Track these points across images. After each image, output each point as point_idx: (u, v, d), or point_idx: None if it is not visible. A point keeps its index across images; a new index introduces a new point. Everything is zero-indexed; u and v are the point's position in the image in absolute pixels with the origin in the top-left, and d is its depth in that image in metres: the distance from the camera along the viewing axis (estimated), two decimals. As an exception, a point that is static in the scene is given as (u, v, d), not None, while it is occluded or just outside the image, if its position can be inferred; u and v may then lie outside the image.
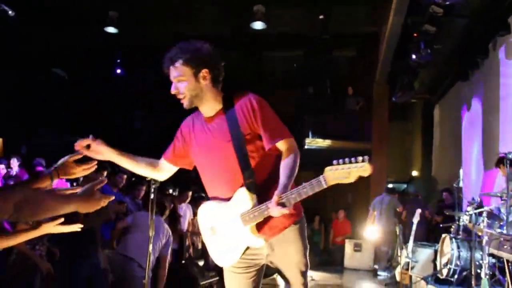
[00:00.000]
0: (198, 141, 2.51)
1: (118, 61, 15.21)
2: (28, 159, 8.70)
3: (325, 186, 2.11)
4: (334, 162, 2.07)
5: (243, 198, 2.33)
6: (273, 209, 2.17)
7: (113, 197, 2.20)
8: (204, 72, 2.39)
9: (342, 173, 2.05)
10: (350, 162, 2.04)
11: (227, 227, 2.40)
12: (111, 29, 12.02)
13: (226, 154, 2.38)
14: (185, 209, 7.04)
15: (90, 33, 11.94)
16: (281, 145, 2.39)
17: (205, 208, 2.56)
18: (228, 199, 2.39)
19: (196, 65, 2.38)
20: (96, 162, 2.44)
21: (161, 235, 4.83)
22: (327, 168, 2.09)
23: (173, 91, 2.43)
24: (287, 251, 2.51)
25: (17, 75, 11.72)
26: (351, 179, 2.06)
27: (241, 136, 2.36)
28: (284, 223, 2.45)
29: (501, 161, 6.00)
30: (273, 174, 2.36)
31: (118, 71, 15.36)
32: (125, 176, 6.17)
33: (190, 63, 2.37)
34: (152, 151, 2.94)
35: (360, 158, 2.04)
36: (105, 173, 6.24)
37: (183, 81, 2.38)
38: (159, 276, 4.82)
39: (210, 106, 2.47)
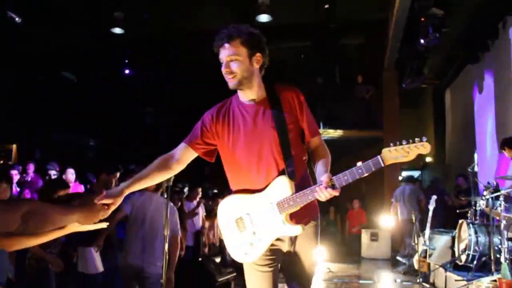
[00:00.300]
0: (236, 126, 2.45)
1: (126, 61, 15.30)
2: (42, 164, 8.75)
3: (383, 165, 2.12)
4: (391, 144, 2.12)
5: (284, 185, 2.30)
6: (322, 191, 2.17)
7: (110, 210, 2.19)
8: (258, 56, 2.40)
9: (401, 152, 2.09)
10: (408, 143, 2.08)
11: (258, 217, 2.36)
12: (117, 30, 12.06)
13: (269, 140, 2.37)
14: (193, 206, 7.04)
15: (95, 33, 12.00)
16: (317, 139, 2.51)
17: (229, 201, 2.49)
18: (261, 189, 2.36)
19: (252, 47, 2.38)
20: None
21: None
22: (384, 149, 2.12)
23: (224, 69, 2.39)
24: (306, 248, 2.49)
25: (22, 78, 11.82)
26: (411, 157, 2.09)
27: (285, 124, 2.37)
28: (311, 215, 2.45)
29: (505, 144, 5.93)
30: (305, 166, 2.47)
31: (127, 71, 15.44)
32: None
33: (247, 44, 2.36)
34: (164, 146, 2.90)
35: (418, 139, 2.08)
36: (117, 174, 6.27)
37: (237, 61, 2.36)
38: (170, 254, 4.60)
39: (255, 91, 2.46)
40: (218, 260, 6.95)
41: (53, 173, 7.55)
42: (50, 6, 9.92)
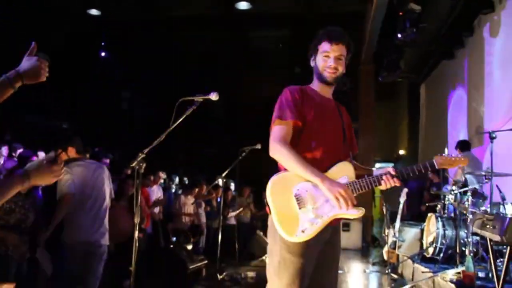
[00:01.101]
0: (318, 110, 2.62)
1: (103, 43, 15.06)
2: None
3: (437, 167, 2.55)
4: (442, 154, 2.58)
5: (349, 169, 2.55)
6: (389, 180, 2.47)
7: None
8: (346, 65, 2.71)
9: (449, 160, 2.56)
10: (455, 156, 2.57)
11: (320, 194, 2.41)
12: (94, 11, 11.84)
13: (339, 132, 2.67)
14: (156, 192, 6.91)
15: (72, 15, 11.75)
16: None
17: (285, 178, 2.49)
18: (325, 169, 2.49)
19: (348, 54, 2.70)
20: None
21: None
22: (436, 156, 2.57)
23: (332, 64, 2.64)
24: (336, 244, 2.65)
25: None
26: (452, 166, 2.61)
27: (343, 128, 2.69)
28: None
29: (457, 145, 6.17)
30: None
31: (103, 54, 15.21)
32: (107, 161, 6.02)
33: (350, 50, 2.70)
34: (140, 131, 2.90)
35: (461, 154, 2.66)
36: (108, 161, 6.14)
37: (342, 60, 2.65)
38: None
39: (330, 89, 2.75)
40: (189, 247, 6.96)
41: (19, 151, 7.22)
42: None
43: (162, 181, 7.19)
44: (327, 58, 2.64)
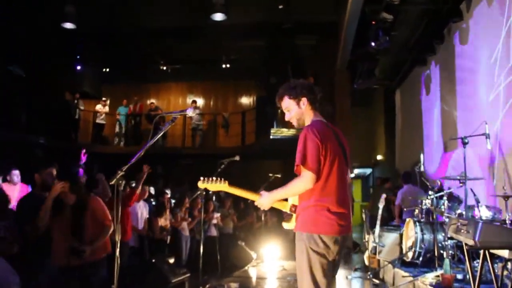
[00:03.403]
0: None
1: (78, 57, 14.95)
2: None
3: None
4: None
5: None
6: None
7: None
8: (303, 100, 3.12)
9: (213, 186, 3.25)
10: None
11: None
12: (68, 25, 11.74)
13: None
14: (142, 207, 6.85)
15: (45, 28, 11.67)
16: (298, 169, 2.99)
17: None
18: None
19: (296, 97, 3.12)
20: None
21: None
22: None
23: (286, 118, 3.22)
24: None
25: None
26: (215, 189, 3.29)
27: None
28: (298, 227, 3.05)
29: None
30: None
31: (78, 67, 15.09)
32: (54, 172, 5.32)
33: (293, 97, 3.13)
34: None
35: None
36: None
37: (289, 111, 3.16)
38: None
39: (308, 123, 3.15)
40: (171, 261, 6.92)
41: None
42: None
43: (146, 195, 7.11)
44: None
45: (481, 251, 3.23)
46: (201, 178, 3.24)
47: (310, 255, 2.85)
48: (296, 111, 3.13)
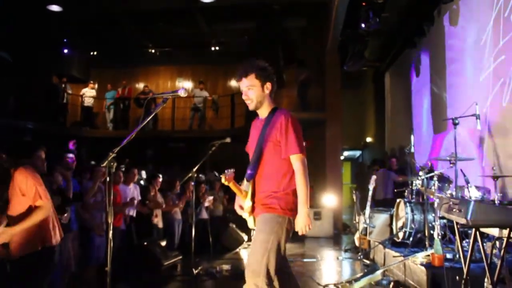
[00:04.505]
0: (251, 133, 3.33)
1: (65, 41, 14.75)
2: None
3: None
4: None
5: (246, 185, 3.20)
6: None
7: None
8: (268, 84, 3.14)
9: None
10: None
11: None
12: (55, 7, 11.57)
13: (254, 149, 3.17)
14: (132, 190, 6.79)
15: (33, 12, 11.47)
16: (293, 159, 3.04)
17: None
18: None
19: (264, 79, 3.12)
20: None
21: None
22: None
23: (244, 97, 3.16)
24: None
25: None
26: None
27: (263, 139, 3.10)
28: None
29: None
30: (278, 175, 3.07)
31: (66, 51, 14.90)
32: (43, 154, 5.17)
33: (260, 77, 3.11)
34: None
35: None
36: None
37: (253, 89, 3.12)
38: None
39: (264, 111, 3.21)
40: (163, 243, 6.93)
41: None
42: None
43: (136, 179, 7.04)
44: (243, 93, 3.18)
45: (472, 230, 3.26)
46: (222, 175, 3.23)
47: (281, 237, 3.00)
48: (259, 93, 3.13)
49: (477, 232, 3.27)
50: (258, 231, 3.02)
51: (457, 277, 4.22)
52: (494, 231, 3.11)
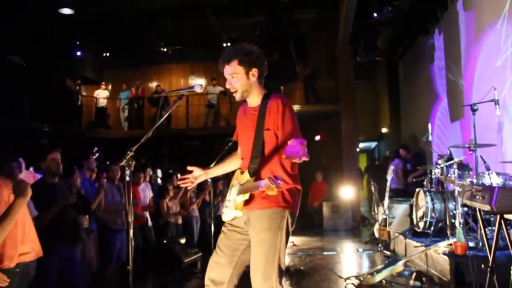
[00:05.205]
0: (240, 122, 3.05)
1: (78, 43, 14.86)
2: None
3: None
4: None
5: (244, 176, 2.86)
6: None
7: None
8: (254, 71, 2.83)
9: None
10: None
11: (233, 190, 2.96)
12: (66, 11, 11.68)
13: (250, 138, 2.85)
14: (144, 189, 6.79)
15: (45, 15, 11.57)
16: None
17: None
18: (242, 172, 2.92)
19: (248, 65, 2.81)
20: None
21: None
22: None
23: (227, 85, 2.88)
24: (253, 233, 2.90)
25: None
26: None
27: (262, 127, 2.79)
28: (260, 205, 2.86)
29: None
30: (278, 164, 2.78)
31: (78, 53, 15.00)
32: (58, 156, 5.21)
33: (243, 63, 2.80)
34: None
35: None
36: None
37: (236, 77, 2.82)
38: None
39: (254, 99, 2.91)
40: (183, 241, 6.95)
41: None
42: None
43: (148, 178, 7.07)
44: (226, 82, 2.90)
45: (497, 216, 3.20)
46: None
47: (283, 233, 2.73)
48: (244, 81, 2.82)
49: (502, 219, 3.21)
50: (262, 229, 2.74)
51: (482, 265, 4.16)
52: (519, 217, 3.05)
